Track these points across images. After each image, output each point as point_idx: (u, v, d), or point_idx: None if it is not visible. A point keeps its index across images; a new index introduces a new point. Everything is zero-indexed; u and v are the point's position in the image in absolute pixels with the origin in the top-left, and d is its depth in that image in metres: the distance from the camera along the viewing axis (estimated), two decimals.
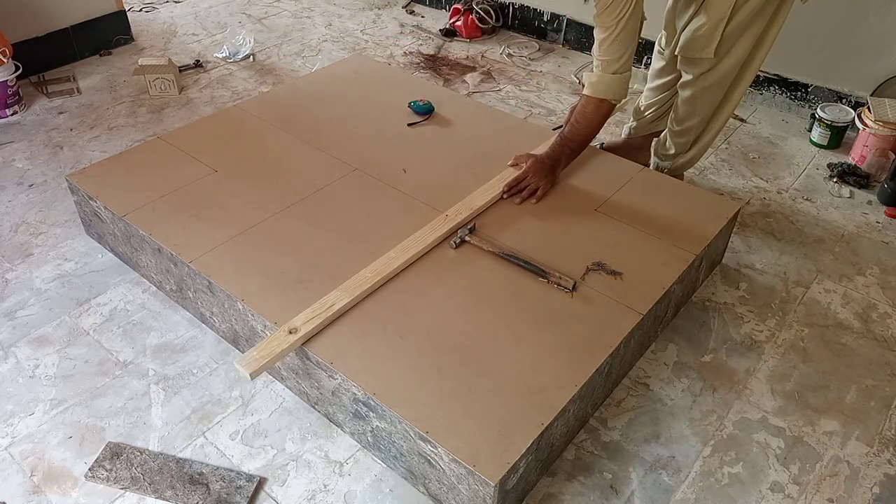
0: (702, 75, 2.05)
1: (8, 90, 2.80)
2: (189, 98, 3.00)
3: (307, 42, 3.54)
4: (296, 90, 2.63)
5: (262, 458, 1.60)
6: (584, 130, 2.05)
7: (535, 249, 1.85)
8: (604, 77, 1.96)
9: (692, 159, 2.30)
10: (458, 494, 1.42)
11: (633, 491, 1.55)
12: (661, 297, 1.74)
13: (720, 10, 1.91)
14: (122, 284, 2.05)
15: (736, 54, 1.99)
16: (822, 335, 1.94)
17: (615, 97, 1.99)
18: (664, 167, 2.34)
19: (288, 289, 1.72)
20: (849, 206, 2.44)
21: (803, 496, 1.55)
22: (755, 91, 3.01)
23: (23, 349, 1.85)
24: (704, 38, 1.96)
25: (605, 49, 1.92)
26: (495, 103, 3.00)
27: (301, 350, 1.59)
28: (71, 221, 2.28)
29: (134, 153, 2.24)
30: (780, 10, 1.94)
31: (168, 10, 3.84)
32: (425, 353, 1.57)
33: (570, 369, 1.54)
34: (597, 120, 2.03)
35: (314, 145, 2.27)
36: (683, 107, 2.16)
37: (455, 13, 3.65)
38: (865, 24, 2.64)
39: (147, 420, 1.68)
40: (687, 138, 2.23)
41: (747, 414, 1.72)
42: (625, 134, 2.55)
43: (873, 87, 2.68)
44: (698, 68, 2.04)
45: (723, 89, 2.08)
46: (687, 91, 2.12)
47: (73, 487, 1.53)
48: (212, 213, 1.97)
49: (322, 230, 1.92)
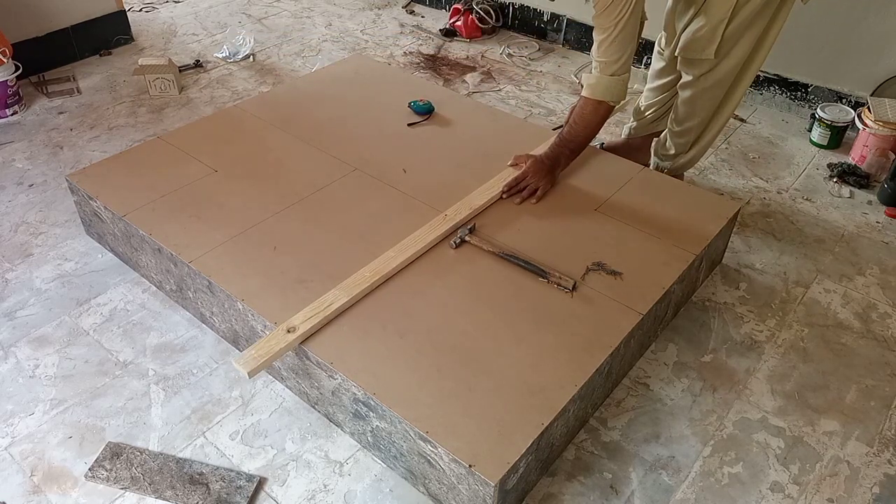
0: (702, 76, 2.05)
1: (8, 90, 2.80)
2: (189, 98, 3.00)
3: (307, 42, 3.54)
4: (296, 90, 2.63)
5: (262, 458, 1.60)
6: (583, 132, 2.05)
7: (535, 249, 1.85)
8: (602, 78, 1.95)
9: (692, 159, 2.30)
10: (458, 494, 1.42)
11: (633, 491, 1.55)
12: (661, 297, 1.74)
13: (720, 12, 1.91)
14: (122, 284, 2.05)
15: (736, 55, 1.99)
16: (822, 335, 1.94)
17: (613, 99, 1.98)
18: (664, 167, 2.34)
19: (288, 289, 1.72)
20: (849, 206, 2.44)
21: (803, 496, 1.55)
22: (755, 91, 3.01)
23: (23, 349, 1.85)
24: (705, 39, 1.96)
25: (604, 50, 1.92)
26: (495, 103, 3.00)
27: (301, 350, 1.59)
28: (71, 221, 2.28)
29: (134, 153, 2.24)
30: (781, 10, 1.94)
31: (168, 10, 3.84)
32: (425, 353, 1.57)
33: (570, 369, 1.54)
34: (595, 121, 2.03)
35: (314, 145, 2.27)
36: (683, 107, 2.16)
37: (455, 13, 3.65)
38: (865, 24, 2.64)
39: (147, 420, 1.68)
40: (687, 138, 2.23)
41: (747, 414, 1.72)
42: (625, 134, 2.55)
43: (873, 87, 2.68)
44: (698, 69, 2.04)
45: (723, 90, 2.08)
46: (687, 92, 2.12)
47: (73, 487, 1.53)
48: (212, 213, 1.97)
49: (322, 230, 1.92)
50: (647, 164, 2.35)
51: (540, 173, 2.04)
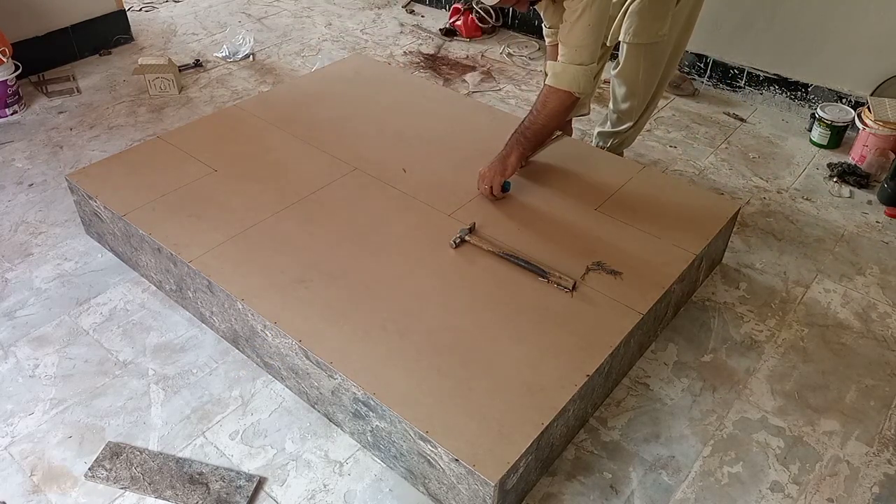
0: (643, 57, 2.16)
1: (8, 90, 2.80)
2: (189, 98, 3.00)
3: (307, 42, 3.54)
4: (296, 90, 2.63)
5: (262, 458, 1.59)
6: (543, 121, 1.99)
7: (535, 249, 1.85)
8: (569, 67, 1.90)
9: (633, 135, 2.44)
10: (457, 494, 1.42)
11: (633, 491, 1.55)
12: (661, 296, 1.74)
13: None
14: (122, 284, 2.05)
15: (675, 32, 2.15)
16: (822, 335, 1.94)
17: (579, 89, 1.93)
18: (606, 145, 2.46)
19: (288, 288, 1.72)
20: (849, 206, 2.44)
21: (803, 496, 1.55)
22: (755, 91, 3.01)
23: (23, 349, 1.85)
24: (657, 20, 2.07)
25: (572, 33, 1.86)
26: (495, 103, 2.99)
27: (301, 349, 1.59)
28: (71, 221, 2.28)
29: (134, 153, 2.24)
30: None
31: (168, 10, 3.84)
32: (425, 353, 1.57)
33: (570, 369, 1.54)
34: (558, 111, 1.97)
35: (314, 145, 2.27)
36: (622, 89, 2.27)
37: (455, 13, 3.64)
38: (865, 24, 2.64)
39: (147, 420, 1.68)
40: (629, 115, 2.34)
41: (747, 414, 1.72)
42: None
43: (873, 87, 2.68)
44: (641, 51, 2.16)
45: (661, 67, 2.23)
46: (626, 75, 2.23)
47: (72, 487, 1.53)
48: (211, 212, 1.97)
49: (322, 230, 1.92)
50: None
51: (489, 172, 2.01)
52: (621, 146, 2.46)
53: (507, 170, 2.01)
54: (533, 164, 2.17)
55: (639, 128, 2.41)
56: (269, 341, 1.68)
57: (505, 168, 2.01)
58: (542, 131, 2.02)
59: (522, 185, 2.09)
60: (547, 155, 2.22)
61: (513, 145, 2.02)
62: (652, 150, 2.70)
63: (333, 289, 1.72)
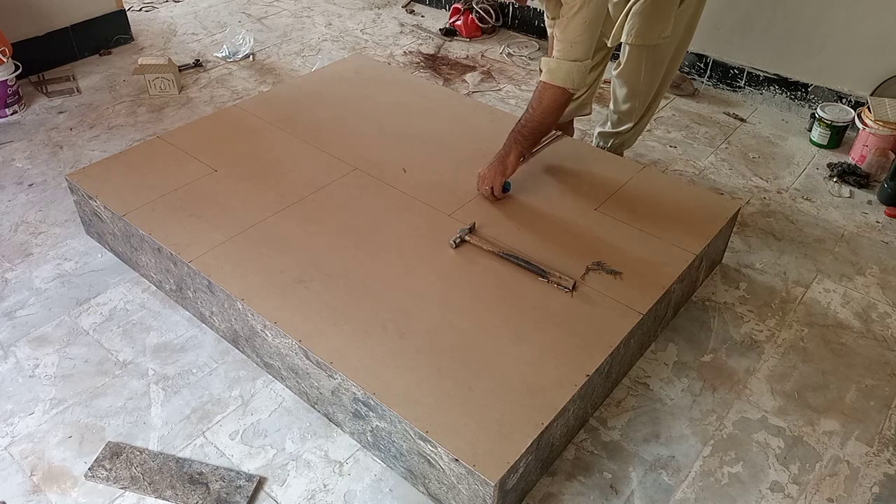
0: (645, 58, 2.17)
1: (8, 90, 2.80)
2: (189, 97, 3.00)
3: (307, 41, 3.54)
4: (296, 90, 2.63)
5: (262, 458, 1.60)
6: (539, 118, 1.98)
7: (535, 249, 1.85)
8: (563, 63, 1.89)
9: (635, 135, 2.43)
10: (457, 494, 1.42)
11: (633, 491, 1.55)
12: (661, 296, 1.74)
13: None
14: (122, 284, 2.05)
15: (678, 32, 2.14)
16: (822, 335, 1.94)
17: (574, 85, 1.92)
18: (607, 146, 2.46)
19: (287, 288, 1.72)
20: (849, 206, 2.44)
21: (803, 496, 1.55)
22: (755, 91, 3.01)
23: (23, 349, 1.85)
24: (660, 21, 2.07)
25: (569, 28, 1.85)
26: (495, 103, 2.99)
27: (301, 349, 1.59)
28: (71, 221, 2.28)
29: (134, 153, 2.24)
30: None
31: (168, 10, 3.84)
32: (425, 353, 1.57)
33: (570, 369, 1.54)
34: (553, 108, 1.96)
35: (314, 145, 2.27)
36: (622, 90, 2.26)
37: (455, 13, 3.65)
38: (865, 24, 2.64)
39: (147, 420, 1.68)
40: (630, 116, 2.34)
41: (747, 414, 1.72)
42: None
43: (873, 87, 2.68)
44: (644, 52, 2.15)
45: (663, 67, 2.23)
46: (627, 76, 2.23)
47: (72, 487, 1.53)
48: (211, 212, 1.97)
49: (322, 230, 1.92)
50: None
51: (489, 174, 2.01)
52: (622, 147, 2.46)
53: (507, 170, 2.01)
54: (533, 164, 2.17)
55: (639, 129, 2.41)
56: (269, 341, 1.68)
57: (505, 168, 2.01)
58: (539, 128, 2.01)
59: (522, 185, 2.09)
60: (547, 155, 2.22)
61: (511, 144, 2.02)
62: (652, 150, 2.71)
63: (333, 289, 1.72)
